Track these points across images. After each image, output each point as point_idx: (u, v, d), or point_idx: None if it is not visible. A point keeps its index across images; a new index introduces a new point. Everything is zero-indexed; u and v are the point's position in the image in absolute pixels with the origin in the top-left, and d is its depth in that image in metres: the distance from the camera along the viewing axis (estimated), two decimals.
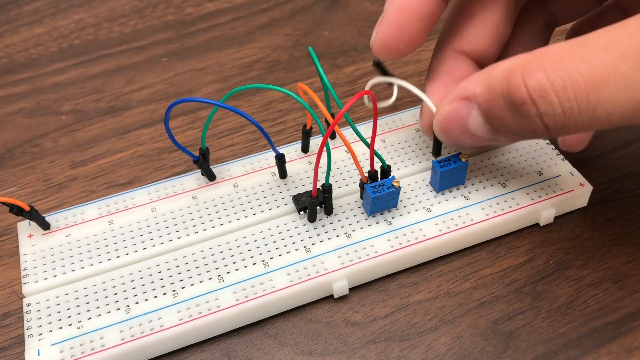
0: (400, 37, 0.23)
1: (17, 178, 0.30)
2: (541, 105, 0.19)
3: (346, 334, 0.24)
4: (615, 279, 0.25)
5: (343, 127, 0.29)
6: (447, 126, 0.23)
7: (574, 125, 0.19)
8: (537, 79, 0.19)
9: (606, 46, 0.18)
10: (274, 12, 0.40)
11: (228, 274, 0.24)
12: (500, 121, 0.21)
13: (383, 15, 0.24)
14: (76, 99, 0.35)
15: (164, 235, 0.26)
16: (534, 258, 0.26)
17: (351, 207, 0.26)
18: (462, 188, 0.27)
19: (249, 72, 0.35)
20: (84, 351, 0.22)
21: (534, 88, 0.19)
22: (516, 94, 0.19)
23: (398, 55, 0.24)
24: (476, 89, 0.21)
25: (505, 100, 0.20)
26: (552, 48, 0.19)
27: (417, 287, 0.25)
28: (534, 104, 0.19)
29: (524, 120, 0.20)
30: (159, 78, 0.35)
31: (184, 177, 0.28)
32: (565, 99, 0.18)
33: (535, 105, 0.19)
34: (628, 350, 0.23)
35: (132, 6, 0.41)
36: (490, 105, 0.21)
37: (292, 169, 0.28)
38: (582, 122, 0.19)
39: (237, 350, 0.24)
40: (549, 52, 0.19)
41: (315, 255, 0.25)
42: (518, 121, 0.20)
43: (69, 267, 0.25)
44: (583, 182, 0.27)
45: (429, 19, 0.23)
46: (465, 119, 0.22)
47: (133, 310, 0.23)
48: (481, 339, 0.23)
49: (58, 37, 0.39)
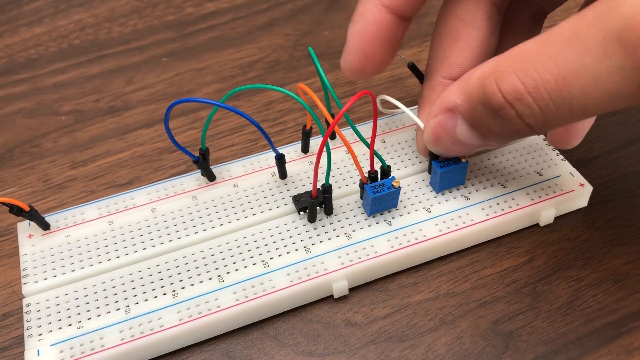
0: (364, 62, 0.24)
1: (17, 178, 0.30)
2: (519, 107, 0.19)
3: (346, 334, 0.24)
4: (616, 279, 0.25)
5: (343, 127, 0.29)
6: (437, 139, 0.24)
7: (555, 120, 0.19)
8: (510, 82, 0.19)
9: (569, 40, 0.18)
10: (274, 12, 0.40)
11: (228, 274, 0.24)
12: (485, 127, 0.21)
13: (346, 41, 0.24)
14: (76, 99, 0.35)
15: (163, 235, 0.26)
16: (534, 258, 0.26)
17: (351, 208, 0.26)
18: (462, 188, 0.27)
19: (249, 72, 0.35)
20: (83, 351, 0.22)
21: (509, 92, 0.19)
22: (493, 100, 0.20)
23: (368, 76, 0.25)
24: (457, 100, 0.22)
25: (485, 107, 0.20)
26: (521, 48, 0.19)
27: (417, 287, 0.25)
28: (512, 107, 0.20)
29: (507, 124, 0.20)
30: (159, 78, 0.35)
31: (183, 177, 0.28)
32: (540, 99, 0.19)
33: (514, 108, 0.20)
34: (628, 350, 0.23)
35: (132, 6, 0.41)
36: (473, 113, 0.21)
37: (292, 169, 0.28)
38: (562, 117, 0.19)
39: (237, 351, 0.24)
40: (518, 53, 0.19)
41: (315, 255, 0.25)
42: (502, 125, 0.21)
43: (69, 268, 0.25)
44: (583, 182, 0.27)
45: (391, 42, 0.24)
46: (452, 130, 0.23)
47: (133, 311, 0.23)
48: (481, 340, 0.23)
49: (58, 37, 0.39)
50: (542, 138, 0.28)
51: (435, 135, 0.23)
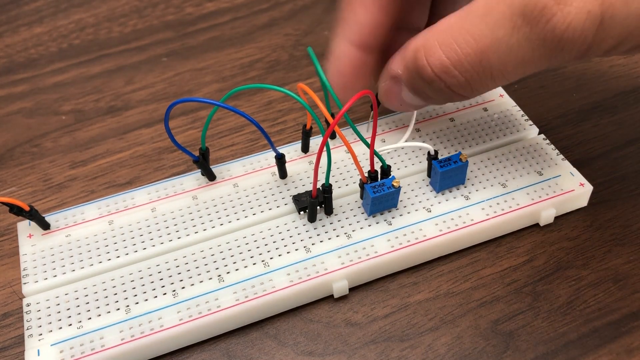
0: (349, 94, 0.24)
1: (17, 178, 0.30)
2: (447, 79, 0.22)
3: (346, 334, 0.24)
4: (616, 279, 0.25)
5: (343, 127, 0.29)
6: (387, 100, 0.26)
7: (480, 87, 0.22)
8: (437, 57, 0.22)
9: (483, 16, 0.20)
10: (274, 12, 0.40)
11: (228, 274, 0.24)
12: (424, 94, 0.24)
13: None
14: (76, 99, 0.35)
15: (163, 235, 0.26)
16: (534, 258, 0.26)
17: (351, 207, 0.26)
18: (462, 188, 0.27)
19: (249, 72, 0.35)
20: (84, 351, 0.22)
21: (436, 66, 0.22)
22: (424, 74, 0.22)
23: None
24: (398, 70, 0.24)
25: (420, 79, 0.23)
26: (444, 23, 0.22)
27: (417, 287, 0.25)
28: (441, 80, 0.22)
29: (440, 92, 0.23)
30: (159, 78, 0.35)
31: (184, 177, 0.28)
32: (464, 70, 0.21)
33: (442, 81, 0.22)
34: (628, 350, 0.23)
35: (132, 6, 0.41)
36: (412, 82, 0.23)
37: (292, 169, 0.28)
38: (486, 84, 0.22)
39: (237, 350, 0.24)
40: (442, 29, 0.22)
41: (315, 255, 0.25)
42: (436, 93, 0.23)
43: (69, 267, 0.25)
44: (583, 182, 0.27)
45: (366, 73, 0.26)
46: (398, 93, 0.25)
47: (133, 311, 0.23)
48: (481, 339, 0.23)
49: (58, 37, 0.39)
50: (542, 138, 0.28)
51: (385, 97, 0.26)
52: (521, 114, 0.30)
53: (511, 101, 0.30)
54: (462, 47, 0.21)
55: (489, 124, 0.29)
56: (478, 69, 0.21)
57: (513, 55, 0.20)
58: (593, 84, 0.33)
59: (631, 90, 0.32)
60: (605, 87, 0.33)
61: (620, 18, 0.19)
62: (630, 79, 0.33)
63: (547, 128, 0.31)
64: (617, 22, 0.19)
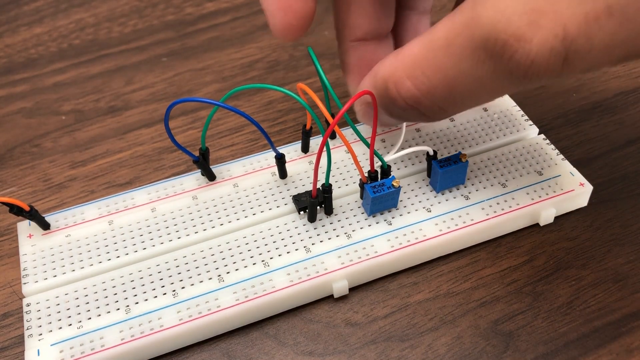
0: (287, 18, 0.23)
1: (17, 178, 0.30)
2: (420, 107, 0.22)
3: (346, 334, 0.24)
4: (616, 279, 0.25)
5: (343, 127, 0.29)
6: (363, 119, 0.26)
7: (453, 113, 0.22)
8: (407, 89, 0.21)
9: (446, 48, 0.20)
10: None
11: (228, 274, 0.24)
12: (397, 115, 0.23)
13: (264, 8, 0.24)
14: (76, 99, 0.35)
15: (163, 235, 0.26)
16: (534, 258, 0.26)
17: (351, 207, 0.26)
18: (462, 188, 0.27)
19: (249, 72, 0.35)
20: (83, 351, 0.22)
21: (408, 97, 0.21)
22: (397, 104, 0.22)
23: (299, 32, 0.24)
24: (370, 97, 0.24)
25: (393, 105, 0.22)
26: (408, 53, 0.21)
27: (417, 287, 0.25)
28: (414, 108, 0.22)
29: (414, 117, 0.23)
30: (159, 78, 0.35)
31: (184, 177, 0.28)
32: (436, 100, 0.21)
33: (415, 109, 0.22)
34: (628, 350, 0.23)
35: (132, 6, 0.41)
36: (386, 109, 0.23)
37: (292, 169, 0.28)
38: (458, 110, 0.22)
39: (237, 350, 0.24)
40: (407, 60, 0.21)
41: (315, 255, 0.25)
42: (410, 116, 0.23)
43: (69, 267, 0.25)
44: (583, 182, 0.27)
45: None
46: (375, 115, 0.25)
47: (133, 310, 0.23)
48: (481, 339, 0.23)
49: (58, 37, 0.39)
50: (542, 138, 0.28)
51: (364, 119, 0.26)
52: (521, 114, 0.30)
53: (511, 101, 0.30)
54: (429, 78, 0.21)
55: (489, 124, 0.29)
56: (449, 98, 0.21)
57: (482, 85, 0.20)
58: (593, 84, 0.33)
59: (631, 90, 0.32)
60: (605, 87, 0.33)
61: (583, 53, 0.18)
62: (630, 79, 0.33)
63: (547, 128, 0.31)
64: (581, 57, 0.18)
